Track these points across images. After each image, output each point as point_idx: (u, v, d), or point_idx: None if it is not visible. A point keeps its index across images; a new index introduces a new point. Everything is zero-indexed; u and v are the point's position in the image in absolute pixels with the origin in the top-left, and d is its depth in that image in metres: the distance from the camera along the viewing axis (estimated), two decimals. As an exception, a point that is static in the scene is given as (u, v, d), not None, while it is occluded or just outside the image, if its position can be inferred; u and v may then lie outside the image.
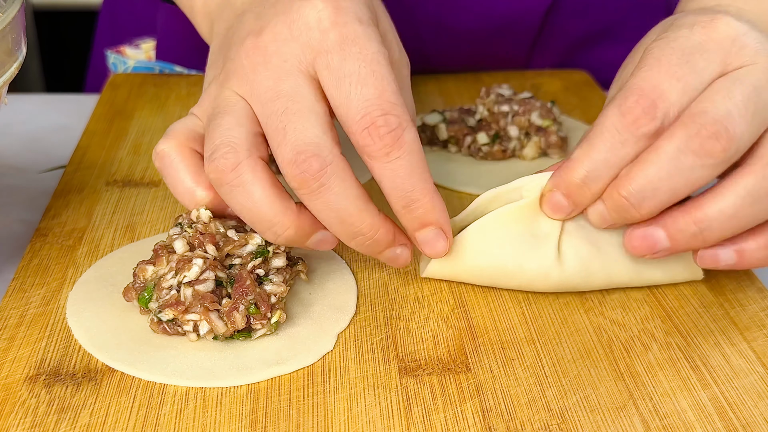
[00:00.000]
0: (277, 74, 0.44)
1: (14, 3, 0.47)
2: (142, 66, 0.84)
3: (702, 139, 0.42)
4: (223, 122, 0.45)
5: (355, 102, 0.43)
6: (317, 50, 0.44)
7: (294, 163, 0.43)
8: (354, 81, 0.43)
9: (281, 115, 0.44)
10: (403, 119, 0.43)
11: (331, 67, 0.44)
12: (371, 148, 0.43)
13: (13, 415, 0.40)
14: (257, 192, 0.44)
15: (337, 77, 0.43)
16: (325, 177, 0.43)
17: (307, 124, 0.43)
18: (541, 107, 0.64)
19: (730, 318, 0.48)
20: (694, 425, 0.41)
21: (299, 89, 0.44)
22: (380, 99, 0.43)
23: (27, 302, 0.48)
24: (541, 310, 0.49)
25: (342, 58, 0.43)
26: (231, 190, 0.44)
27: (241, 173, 0.44)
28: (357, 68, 0.43)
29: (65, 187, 0.59)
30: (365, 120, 0.43)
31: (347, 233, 0.45)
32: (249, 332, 0.45)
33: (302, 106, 0.44)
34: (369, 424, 0.40)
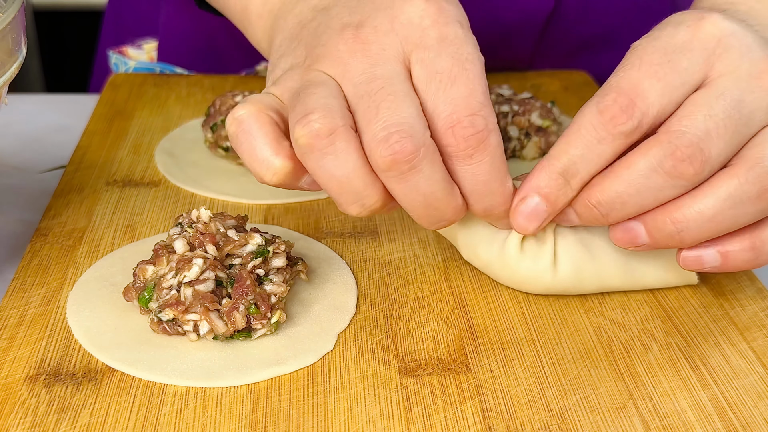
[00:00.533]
0: (374, 59, 0.44)
1: (14, 3, 0.47)
2: (143, 67, 0.84)
3: (676, 161, 0.42)
4: (317, 91, 0.43)
5: (443, 97, 0.42)
6: (415, 44, 0.44)
7: (386, 142, 0.41)
8: (445, 78, 0.43)
9: (375, 94, 0.42)
10: (490, 121, 0.43)
11: (425, 62, 0.43)
12: (454, 148, 0.42)
13: (13, 414, 0.40)
14: (350, 161, 0.42)
15: (429, 72, 0.43)
16: (417, 159, 0.41)
17: (402, 105, 0.42)
18: (540, 107, 0.64)
19: (730, 318, 0.48)
20: (694, 425, 0.41)
21: (395, 74, 0.43)
22: (468, 99, 0.42)
23: (27, 302, 0.48)
24: (541, 310, 0.49)
25: (437, 54, 0.43)
26: (322, 157, 0.42)
27: (336, 139, 0.42)
28: (450, 66, 0.43)
29: (65, 187, 0.59)
30: (451, 118, 0.42)
31: (430, 217, 0.44)
32: (249, 332, 0.45)
33: (397, 88, 0.43)
34: (369, 424, 0.40)
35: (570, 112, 0.73)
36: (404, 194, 0.43)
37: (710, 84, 0.43)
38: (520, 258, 0.48)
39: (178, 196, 0.59)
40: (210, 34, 0.81)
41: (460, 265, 0.52)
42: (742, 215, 0.43)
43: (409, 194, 0.43)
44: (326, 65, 0.45)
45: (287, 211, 0.58)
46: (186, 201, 0.59)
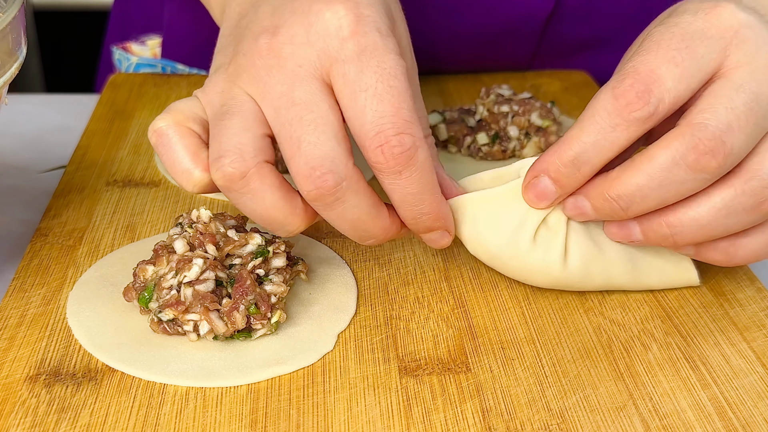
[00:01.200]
0: (292, 79, 0.43)
1: (14, 3, 0.47)
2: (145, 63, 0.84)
3: (699, 154, 0.42)
4: (231, 125, 0.44)
5: (369, 117, 0.42)
6: (334, 58, 0.43)
7: (309, 179, 0.42)
8: (370, 95, 0.42)
9: (296, 125, 0.43)
10: (417, 138, 0.43)
11: (348, 78, 0.43)
12: (383, 166, 0.43)
13: (13, 414, 0.40)
14: (266, 198, 0.44)
15: (352, 90, 0.42)
16: (340, 192, 0.43)
17: (322, 137, 0.42)
18: (540, 107, 0.64)
19: (730, 318, 0.48)
20: (694, 425, 0.41)
21: (314, 97, 0.43)
22: (395, 117, 0.42)
23: (27, 302, 0.48)
24: (541, 310, 0.49)
25: (359, 70, 0.42)
26: (240, 196, 0.44)
27: (249, 181, 0.43)
28: (374, 82, 0.42)
29: (65, 187, 0.59)
30: (379, 138, 0.42)
31: (360, 237, 0.46)
32: (249, 332, 0.45)
33: (317, 116, 0.43)
34: (369, 424, 0.41)
35: (570, 112, 0.73)
36: (332, 220, 0.44)
37: (727, 75, 0.43)
38: (532, 248, 0.47)
39: (178, 196, 0.59)
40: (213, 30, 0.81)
41: (460, 265, 0.52)
42: (734, 224, 0.44)
43: (336, 220, 0.44)
44: (246, 82, 0.45)
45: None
46: (186, 201, 0.59)
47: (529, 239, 0.47)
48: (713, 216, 0.43)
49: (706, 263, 0.49)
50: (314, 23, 0.43)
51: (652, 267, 0.49)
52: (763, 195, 0.43)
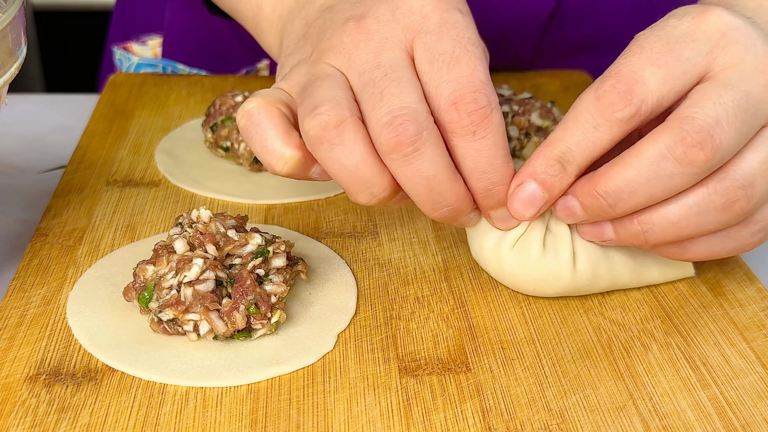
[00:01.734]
0: (378, 48, 0.45)
1: (14, 3, 0.47)
2: (146, 63, 0.84)
3: (686, 147, 0.41)
4: (325, 84, 0.45)
5: (446, 77, 0.43)
6: (417, 30, 0.45)
7: (390, 125, 0.42)
8: (447, 59, 0.43)
9: (379, 81, 0.43)
10: (492, 99, 0.43)
11: (428, 45, 0.44)
12: (457, 125, 0.43)
13: (13, 414, 0.40)
14: (358, 151, 0.43)
15: (431, 54, 0.44)
16: (420, 142, 0.42)
17: (405, 90, 0.43)
18: (540, 107, 0.64)
19: (730, 318, 0.48)
20: (694, 425, 0.41)
21: (398, 62, 0.44)
22: (471, 77, 0.43)
23: (27, 302, 0.48)
24: (541, 310, 0.49)
25: (438, 38, 0.44)
26: (331, 148, 0.43)
27: (344, 130, 0.43)
28: (452, 48, 0.44)
29: (65, 187, 0.59)
30: (454, 95, 0.43)
31: (433, 203, 0.44)
32: (249, 332, 0.45)
33: (401, 75, 0.44)
34: (369, 424, 0.41)
35: (570, 112, 0.73)
36: (407, 177, 0.43)
37: (714, 77, 0.43)
38: (542, 256, 0.47)
39: (178, 196, 0.59)
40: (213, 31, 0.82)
41: (460, 265, 0.52)
42: (707, 223, 0.43)
43: (412, 177, 0.43)
44: (332, 58, 0.46)
45: (287, 211, 0.58)
46: (186, 201, 0.59)
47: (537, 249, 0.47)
48: (684, 214, 0.43)
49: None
50: (399, 5, 0.45)
51: (652, 263, 0.49)
52: (734, 195, 0.42)
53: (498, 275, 0.49)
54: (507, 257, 0.48)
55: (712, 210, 0.43)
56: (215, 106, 0.63)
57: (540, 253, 0.47)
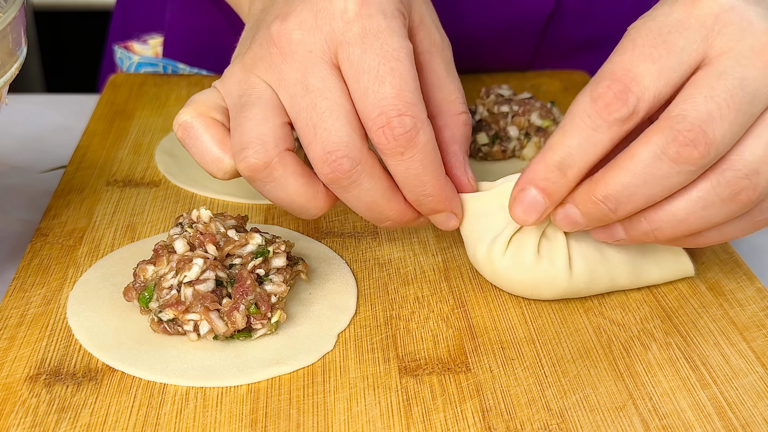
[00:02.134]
0: (304, 66, 0.45)
1: (14, 3, 0.47)
2: (147, 63, 0.84)
3: (679, 146, 0.40)
4: (251, 115, 0.46)
5: (372, 98, 0.44)
6: (339, 41, 0.44)
7: (325, 162, 0.44)
8: (372, 77, 0.44)
9: (311, 112, 0.44)
10: (419, 119, 0.44)
11: (352, 60, 0.44)
12: (385, 147, 0.44)
13: (14, 414, 0.40)
14: (289, 185, 0.46)
15: (356, 71, 0.44)
16: (355, 175, 0.44)
17: (336, 123, 0.44)
18: (540, 107, 0.64)
19: (730, 318, 0.48)
20: (694, 425, 0.41)
21: (326, 83, 0.45)
22: (397, 98, 0.43)
23: (27, 302, 0.48)
24: (541, 310, 0.49)
25: (362, 52, 0.44)
26: (264, 185, 0.46)
27: (272, 171, 0.45)
28: (377, 64, 0.44)
29: (66, 187, 0.59)
30: (381, 119, 0.43)
31: (377, 219, 0.47)
32: (249, 332, 0.45)
33: (330, 102, 0.44)
34: (369, 423, 0.41)
35: (570, 112, 0.73)
36: (349, 202, 0.46)
37: (710, 63, 0.42)
38: (537, 261, 0.47)
39: (179, 196, 0.59)
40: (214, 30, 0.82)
41: (460, 265, 0.52)
42: (714, 216, 0.43)
43: (352, 202, 0.46)
44: (262, 70, 0.47)
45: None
46: (186, 201, 0.59)
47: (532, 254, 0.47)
48: (690, 209, 0.43)
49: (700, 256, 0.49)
50: (321, 8, 0.45)
51: (651, 263, 0.49)
52: (738, 185, 0.42)
53: (494, 281, 0.49)
54: (500, 264, 0.48)
55: (718, 203, 0.42)
56: (215, 106, 0.63)
57: (534, 258, 0.47)
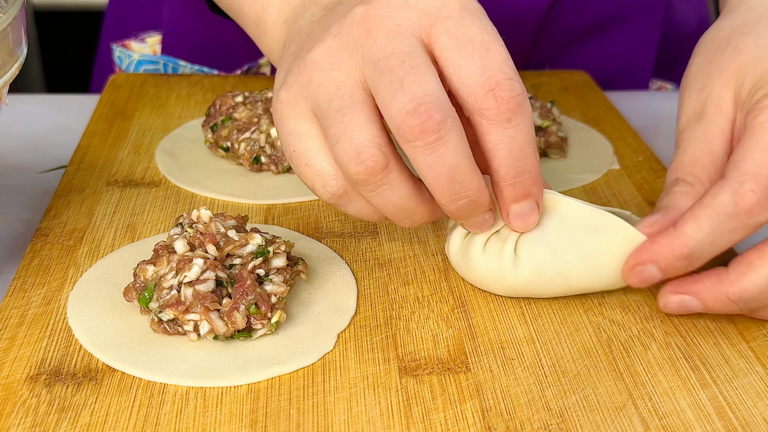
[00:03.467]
0: (391, 35, 0.43)
1: (15, 3, 0.47)
2: (147, 60, 0.84)
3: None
4: (356, 118, 0.43)
5: (478, 64, 0.42)
6: (435, 16, 0.43)
7: (414, 113, 0.41)
8: (477, 45, 0.42)
9: (398, 68, 0.42)
10: (523, 87, 0.43)
11: (452, 32, 0.43)
12: (493, 112, 0.42)
13: (14, 414, 0.40)
14: (403, 187, 0.44)
15: (458, 41, 0.43)
16: (444, 130, 0.41)
17: (426, 78, 0.42)
18: (540, 107, 0.64)
19: (730, 318, 0.48)
20: (694, 425, 0.41)
21: (414, 49, 0.43)
22: (503, 64, 0.42)
23: (28, 302, 0.48)
24: (541, 310, 0.49)
25: (462, 24, 0.43)
26: (376, 188, 0.44)
27: (390, 171, 0.43)
28: (480, 34, 0.43)
29: (66, 187, 0.59)
30: (490, 82, 0.42)
31: (453, 194, 0.44)
32: (249, 332, 0.45)
33: (419, 62, 0.42)
34: (369, 423, 0.41)
35: (570, 112, 0.73)
36: (429, 166, 0.43)
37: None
38: (482, 257, 0.48)
39: (179, 196, 0.59)
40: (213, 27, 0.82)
41: (460, 265, 0.52)
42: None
43: (434, 166, 0.42)
44: (344, 59, 0.44)
45: (287, 211, 0.58)
46: (186, 201, 0.59)
47: (479, 251, 0.48)
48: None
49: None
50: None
51: (609, 267, 0.48)
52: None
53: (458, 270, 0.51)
54: (454, 259, 0.50)
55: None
56: (215, 107, 0.63)
57: (480, 255, 0.48)
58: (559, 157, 0.64)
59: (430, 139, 0.41)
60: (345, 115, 0.43)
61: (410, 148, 0.42)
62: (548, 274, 0.48)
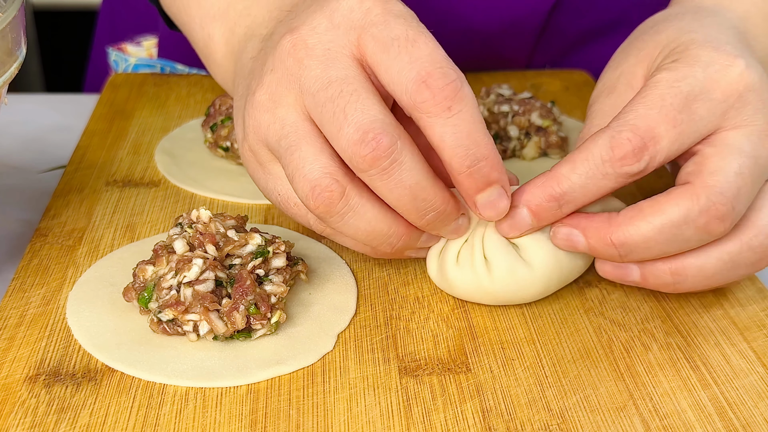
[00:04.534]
0: (324, 62, 0.43)
1: (14, 3, 0.47)
2: (144, 63, 0.84)
3: (710, 218, 0.43)
4: (304, 154, 0.43)
5: (406, 60, 0.41)
6: (361, 27, 0.43)
7: (362, 142, 0.41)
8: (403, 42, 0.42)
9: (337, 99, 0.42)
10: (459, 73, 0.42)
11: (377, 36, 0.42)
12: (430, 104, 0.41)
13: (13, 415, 0.40)
14: (368, 211, 0.43)
15: (384, 42, 0.42)
16: (396, 152, 0.41)
17: (367, 103, 0.41)
18: (541, 107, 0.64)
19: (730, 318, 0.48)
20: (694, 425, 0.41)
21: (349, 72, 0.42)
22: (433, 55, 0.41)
23: (27, 302, 0.48)
24: (541, 310, 0.49)
25: (386, 26, 0.42)
26: (341, 218, 0.43)
27: (349, 198, 0.43)
28: (404, 31, 0.42)
29: (65, 187, 0.59)
30: (421, 74, 0.41)
31: (420, 210, 0.43)
32: (249, 332, 0.45)
33: (357, 86, 0.42)
34: (369, 424, 0.40)
35: (570, 112, 0.73)
36: (389, 190, 0.42)
37: (726, 137, 0.44)
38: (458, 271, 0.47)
39: (178, 196, 0.59)
40: None
41: (460, 265, 0.52)
42: (735, 276, 0.46)
43: (394, 190, 0.42)
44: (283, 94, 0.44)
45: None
46: (186, 201, 0.59)
47: (453, 262, 0.47)
48: (719, 267, 0.45)
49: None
50: (335, 9, 0.43)
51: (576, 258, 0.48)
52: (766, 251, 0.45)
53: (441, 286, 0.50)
54: (436, 278, 0.49)
55: (744, 265, 0.45)
56: (215, 106, 0.63)
57: (455, 269, 0.47)
58: (560, 157, 0.64)
59: (383, 164, 0.41)
60: (293, 153, 0.43)
61: (366, 177, 0.42)
62: (520, 272, 0.47)
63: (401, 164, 0.41)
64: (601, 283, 0.51)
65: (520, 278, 0.47)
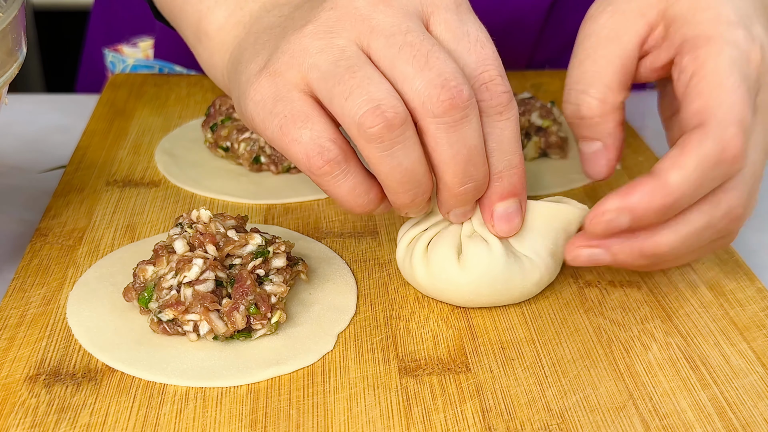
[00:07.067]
0: (401, 14, 0.43)
1: (14, 3, 0.47)
2: (142, 65, 0.84)
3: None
4: (367, 74, 0.41)
5: (474, 58, 0.43)
6: (436, 5, 0.44)
7: (444, 87, 0.41)
8: (473, 40, 0.44)
9: (418, 44, 0.41)
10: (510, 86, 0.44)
11: (450, 24, 0.44)
12: (487, 104, 0.43)
13: (13, 415, 0.40)
14: (417, 149, 0.42)
15: (455, 34, 0.44)
16: (470, 108, 0.41)
17: (448, 57, 0.42)
18: (540, 107, 0.64)
19: (730, 318, 0.48)
20: (694, 425, 0.41)
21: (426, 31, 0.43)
22: (497, 61, 0.44)
23: (27, 302, 0.48)
24: (541, 310, 0.49)
25: (460, 19, 0.44)
26: (391, 147, 0.41)
27: (406, 128, 0.41)
28: (476, 30, 0.44)
29: (65, 187, 0.59)
30: (486, 75, 0.43)
31: (466, 175, 0.43)
32: (249, 332, 0.45)
33: (435, 43, 0.42)
34: (369, 424, 0.41)
35: (570, 112, 0.73)
36: (451, 144, 0.42)
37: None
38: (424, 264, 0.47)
39: (178, 196, 0.59)
40: None
41: (460, 265, 0.52)
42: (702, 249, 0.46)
43: (455, 144, 0.42)
44: (347, 29, 0.43)
45: (287, 211, 0.58)
46: (186, 201, 0.59)
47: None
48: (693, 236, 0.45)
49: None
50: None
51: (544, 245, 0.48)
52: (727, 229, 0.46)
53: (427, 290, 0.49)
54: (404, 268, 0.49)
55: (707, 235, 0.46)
56: (215, 107, 0.63)
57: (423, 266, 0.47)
58: (560, 157, 0.64)
59: (457, 116, 0.41)
60: (355, 72, 0.41)
61: (435, 124, 0.41)
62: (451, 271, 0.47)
63: (470, 121, 0.42)
64: (601, 283, 0.51)
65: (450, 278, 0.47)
